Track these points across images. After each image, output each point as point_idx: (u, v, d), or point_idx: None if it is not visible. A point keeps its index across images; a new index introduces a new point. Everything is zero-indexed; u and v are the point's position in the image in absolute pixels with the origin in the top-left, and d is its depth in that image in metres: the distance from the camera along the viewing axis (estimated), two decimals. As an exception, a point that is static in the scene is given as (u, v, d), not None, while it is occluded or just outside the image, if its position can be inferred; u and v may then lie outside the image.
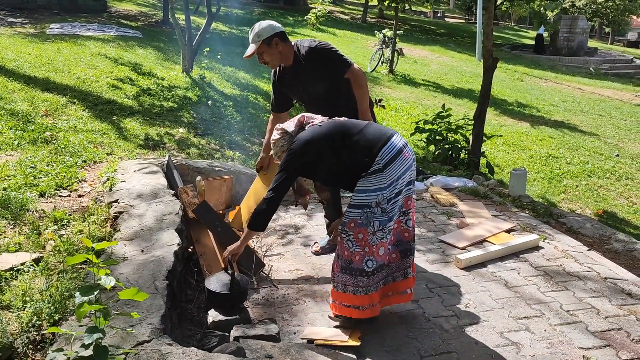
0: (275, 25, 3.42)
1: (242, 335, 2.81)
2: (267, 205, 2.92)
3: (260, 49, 3.37)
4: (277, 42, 3.37)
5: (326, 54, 3.44)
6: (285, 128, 3.03)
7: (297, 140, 2.93)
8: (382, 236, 2.85)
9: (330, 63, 3.43)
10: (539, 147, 9.08)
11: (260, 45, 3.35)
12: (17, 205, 3.79)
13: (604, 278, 3.69)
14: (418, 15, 33.49)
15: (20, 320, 2.54)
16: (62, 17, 13.35)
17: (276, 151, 3.04)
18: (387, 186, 2.79)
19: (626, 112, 13.38)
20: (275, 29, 3.39)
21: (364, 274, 2.88)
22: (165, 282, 2.82)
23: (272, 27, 3.38)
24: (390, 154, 2.80)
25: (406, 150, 2.89)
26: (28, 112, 5.91)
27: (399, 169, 2.82)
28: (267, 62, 3.45)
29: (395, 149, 2.83)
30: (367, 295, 2.92)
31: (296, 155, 2.90)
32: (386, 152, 2.80)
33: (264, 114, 7.92)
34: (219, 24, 15.72)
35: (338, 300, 2.99)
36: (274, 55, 3.41)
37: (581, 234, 4.90)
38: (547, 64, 20.27)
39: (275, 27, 3.40)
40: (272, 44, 3.35)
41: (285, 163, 2.92)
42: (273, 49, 3.37)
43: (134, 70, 8.67)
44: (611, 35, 36.37)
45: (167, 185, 4.27)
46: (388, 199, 2.81)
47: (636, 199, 7.46)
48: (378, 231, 2.83)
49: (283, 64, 3.52)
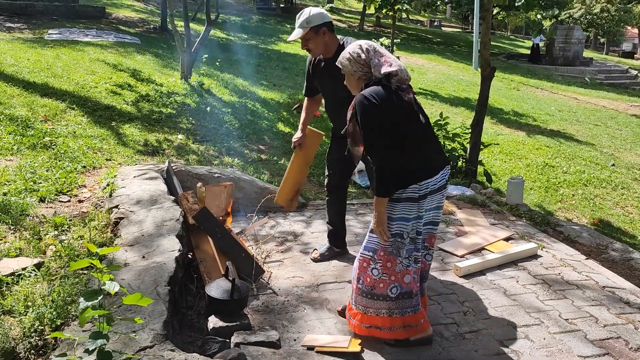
0: (325, 14, 3.41)
1: (242, 342, 2.81)
2: (380, 174, 2.72)
3: (307, 35, 3.36)
4: (325, 31, 3.36)
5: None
6: (370, 57, 2.77)
7: (380, 98, 2.69)
8: (408, 264, 2.88)
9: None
10: (535, 156, 9.12)
11: (308, 32, 3.35)
12: (18, 210, 3.80)
13: (602, 287, 3.72)
14: (415, 24, 33.67)
15: (22, 325, 2.54)
16: (60, 23, 13.37)
17: (349, 68, 2.81)
18: (413, 218, 2.81)
19: (622, 122, 13.47)
20: (325, 18, 3.38)
21: (387, 299, 2.89)
22: (167, 288, 2.83)
23: (323, 15, 3.38)
24: (429, 189, 2.81)
25: (444, 191, 2.91)
26: (27, 118, 5.91)
27: (428, 205, 2.86)
28: (310, 49, 3.45)
29: (435, 186, 2.83)
30: (388, 317, 2.91)
31: (376, 112, 2.68)
32: (427, 185, 2.79)
33: (262, 120, 7.95)
34: (216, 30, 15.78)
35: (357, 320, 2.98)
36: (319, 44, 3.40)
37: (578, 242, 4.93)
38: (543, 74, 20.40)
39: (325, 16, 3.39)
40: (319, 32, 3.35)
41: (368, 123, 2.70)
42: (319, 37, 3.37)
43: (133, 77, 8.69)
44: (606, 46, 36.66)
45: (167, 191, 4.28)
46: (417, 230, 2.85)
47: (632, 209, 7.51)
48: (405, 259, 2.86)
49: (324, 55, 3.50)
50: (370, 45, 2.83)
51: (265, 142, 7.08)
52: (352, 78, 2.84)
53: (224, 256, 3.59)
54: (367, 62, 2.76)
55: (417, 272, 2.95)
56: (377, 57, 2.76)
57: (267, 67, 12.45)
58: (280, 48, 15.98)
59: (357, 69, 2.79)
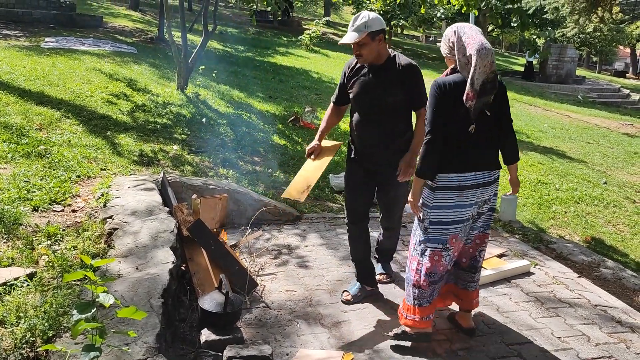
0: (383, 21, 3.35)
1: (235, 356, 2.80)
2: (427, 148, 2.89)
3: (363, 40, 3.21)
4: (381, 39, 3.26)
5: (419, 78, 3.38)
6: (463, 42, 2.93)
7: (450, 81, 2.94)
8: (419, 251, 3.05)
9: (415, 87, 3.35)
10: (528, 173, 9.17)
11: (365, 37, 3.20)
12: (11, 219, 3.77)
13: (594, 305, 3.73)
14: (410, 39, 33.93)
15: (14, 336, 2.52)
16: (57, 31, 13.38)
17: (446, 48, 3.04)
18: (431, 208, 2.97)
19: (613, 140, 13.58)
20: (383, 24, 3.32)
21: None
22: (161, 301, 2.82)
23: (381, 21, 3.29)
24: (461, 182, 2.93)
25: (489, 190, 3.05)
26: (22, 126, 5.89)
27: (472, 199, 2.98)
28: (362, 54, 3.27)
29: (469, 183, 2.94)
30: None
31: (438, 92, 2.91)
32: (459, 178, 2.93)
33: (257, 132, 7.96)
34: (213, 42, 15.84)
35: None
36: (373, 50, 3.27)
37: (571, 260, 4.96)
38: (536, 91, 20.57)
39: (383, 22, 3.33)
40: (376, 39, 3.23)
41: (430, 98, 2.95)
42: (375, 44, 3.24)
43: (129, 86, 8.70)
44: (598, 65, 37.09)
45: (162, 202, 4.27)
46: (431, 220, 2.97)
47: (623, 227, 7.55)
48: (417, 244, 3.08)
49: (375, 62, 3.34)
50: (461, 27, 3.00)
51: (261, 154, 7.09)
52: (446, 59, 3.08)
53: (217, 269, 3.59)
54: (453, 44, 2.96)
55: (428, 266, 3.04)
56: (459, 41, 2.93)
57: (264, 80, 12.49)
58: (276, 60, 16.05)
59: (446, 51, 3.03)
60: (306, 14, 36.51)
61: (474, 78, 2.86)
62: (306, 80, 13.70)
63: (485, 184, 2.99)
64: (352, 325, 3.35)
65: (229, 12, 27.18)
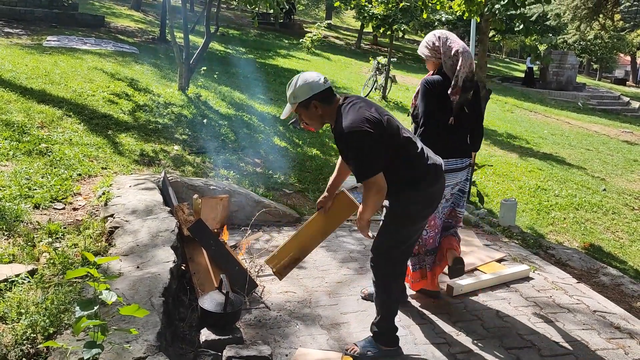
0: (315, 83, 2.85)
1: (234, 356, 2.80)
2: (422, 136, 3.43)
3: (297, 111, 2.93)
4: (317, 105, 2.85)
5: (355, 148, 2.77)
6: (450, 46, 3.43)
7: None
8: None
9: (352, 159, 2.84)
10: (528, 179, 9.20)
11: (297, 108, 2.91)
12: (12, 216, 3.78)
13: (593, 311, 3.74)
14: (412, 43, 34.00)
15: (15, 332, 2.52)
16: (59, 30, 13.40)
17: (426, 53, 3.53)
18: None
19: (613, 147, 13.62)
20: (315, 89, 2.84)
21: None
22: (162, 299, 2.82)
23: (311, 86, 2.84)
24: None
25: (461, 175, 3.57)
26: (24, 124, 5.90)
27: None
28: (306, 122, 2.99)
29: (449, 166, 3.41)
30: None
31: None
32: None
33: (258, 134, 7.98)
34: (215, 43, 15.87)
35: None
36: (312, 117, 2.92)
37: (569, 266, 4.97)
38: (536, 97, 20.62)
39: (314, 86, 2.84)
40: (310, 107, 2.87)
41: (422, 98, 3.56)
42: (311, 112, 2.89)
43: (130, 86, 8.71)
44: (599, 72, 37.17)
45: (162, 201, 4.27)
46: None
47: (622, 234, 7.57)
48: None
49: (331, 124, 2.94)
50: (443, 32, 3.47)
51: (261, 155, 7.10)
52: (428, 62, 3.55)
53: (217, 269, 3.59)
54: (438, 47, 3.44)
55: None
56: (445, 44, 3.42)
57: (265, 82, 12.51)
58: (277, 62, 16.08)
59: (428, 54, 3.50)
60: (308, 17, 36.59)
61: (458, 76, 3.34)
62: (307, 83, 13.70)
63: (458, 169, 3.48)
64: (351, 327, 3.35)
65: (231, 14, 27.23)
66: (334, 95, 2.90)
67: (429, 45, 3.48)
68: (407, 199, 2.90)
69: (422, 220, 3.05)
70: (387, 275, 3.03)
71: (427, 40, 3.49)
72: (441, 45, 3.43)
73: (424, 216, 3.03)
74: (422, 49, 3.54)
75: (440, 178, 2.98)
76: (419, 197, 2.91)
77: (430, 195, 2.95)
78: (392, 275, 3.04)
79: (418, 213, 2.97)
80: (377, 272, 3.04)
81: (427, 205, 2.97)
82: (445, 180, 3.07)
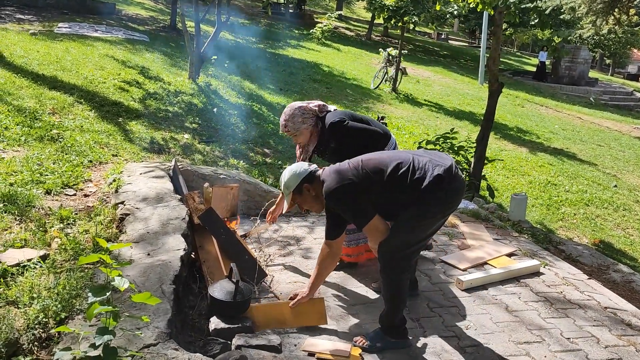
0: (300, 170, 3.08)
1: (244, 345, 2.81)
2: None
3: (294, 200, 3.14)
4: (308, 187, 3.07)
5: (328, 210, 3.10)
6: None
7: None
8: None
9: (341, 212, 3.05)
10: (538, 174, 9.14)
11: (293, 197, 3.12)
12: (24, 202, 3.79)
13: (604, 307, 3.72)
14: (422, 35, 33.78)
15: (27, 316, 2.53)
16: (70, 17, 13.41)
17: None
18: None
19: (625, 143, 13.50)
20: (301, 174, 3.06)
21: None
22: (172, 287, 2.83)
23: (297, 174, 3.07)
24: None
25: None
26: (35, 109, 5.92)
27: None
28: (307, 209, 3.24)
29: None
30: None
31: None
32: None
33: (267, 124, 7.96)
34: (225, 32, 15.82)
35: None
36: (310, 201, 3.13)
37: (580, 262, 4.93)
38: (548, 92, 20.45)
39: (300, 172, 3.07)
40: (303, 191, 3.08)
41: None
42: (306, 195, 3.10)
43: (141, 74, 8.71)
44: (612, 67, 36.76)
45: (173, 189, 4.28)
46: None
47: (633, 231, 7.52)
48: None
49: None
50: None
51: (271, 145, 7.09)
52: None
53: (227, 257, 3.59)
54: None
55: None
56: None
57: (275, 72, 12.49)
58: (288, 53, 16.03)
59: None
60: (318, 7, 36.40)
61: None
62: (317, 73, 13.68)
63: None
64: (360, 318, 3.35)
65: (242, 4, 27.14)
66: (316, 174, 3.10)
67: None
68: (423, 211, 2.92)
69: (438, 220, 3.02)
70: (395, 268, 3.02)
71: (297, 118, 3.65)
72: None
73: (442, 215, 3.01)
74: (297, 124, 3.64)
75: (444, 185, 2.86)
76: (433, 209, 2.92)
77: (444, 201, 2.92)
78: (400, 268, 3.03)
79: (436, 214, 2.95)
80: (384, 265, 3.04)
81: (443, 209, 2.96)
82: (459, 182, 2.95)
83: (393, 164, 2.91)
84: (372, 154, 3.09)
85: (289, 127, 3.64)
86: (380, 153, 3.12)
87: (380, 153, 3.13)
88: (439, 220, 2.99)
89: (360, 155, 3.07)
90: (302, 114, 3.65)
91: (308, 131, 3.68)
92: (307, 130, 3.67)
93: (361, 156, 3.06)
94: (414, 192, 2.85)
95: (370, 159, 2.99)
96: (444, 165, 2.89)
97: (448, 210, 2.98)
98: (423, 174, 2.86)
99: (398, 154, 3.03)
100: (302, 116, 3.64)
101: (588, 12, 9.38)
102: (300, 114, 3.64)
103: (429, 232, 3.00)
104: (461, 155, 7.50)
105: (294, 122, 3.63)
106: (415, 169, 2.88)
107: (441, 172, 2.84)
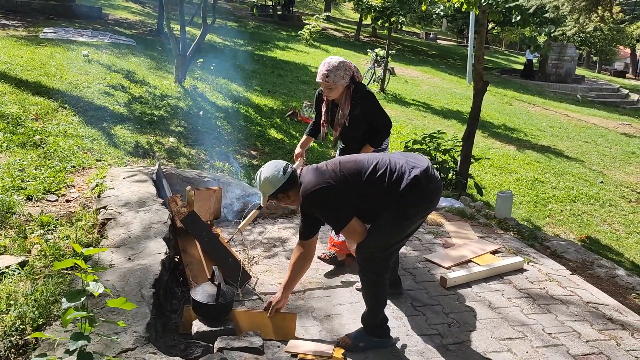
0: (275, 179, 2.97)
1: (226, 347, 2.80)
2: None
3: (272, 200, 3.15)
4: (282, 196, 3.05)
5: (317, 208, 3.00)
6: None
7: None
8: None
9: (319, 215, 3.05)
10: (525, 171, 9.19)
11: (269, 199, 3.13)
12: (4, 208, 3.77)
13: (586, 302, 3.74)
14: (410, 35, 33.87)
15: (4, 323, 2.52)
16: (56, 22, 13.33)
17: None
18: None
19: (611, 140, 13.60)
20: (276, 184, 2.97)
21: None
22: (152, 291, 2.82)
23: (273, 183, 2.98)
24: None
25: None
26: (18, 115, 5.88)
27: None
28: (287, 205, 3.33)
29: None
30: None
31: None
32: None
33: (254, 126, 7.95)
34: (212, 35, 15.80)
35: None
36: (287, 203, 3.14)
37: (564, 258, 4.96)
38: (535, 90, 20.57)
39: (274, 182, 2.97)
40: (279, 197, 3.07)
41: None
42: (282, 200, 3.11)
43: (127, 78, 8.68)
44: (598, 64, 37.03)
45: (155, 193, 4.26)
46: None
47: (619, 226, 7.57)
48: None
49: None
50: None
51: (257, 147, 7.09)
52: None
53: (210, 260, 3.58)
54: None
55: None
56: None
57: (262, 74, 12.48)
58: (276, 55, 16.02)
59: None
60: (306, 8, 36.40)
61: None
62: (305, 75, 13.68)
63: None
64: (343, 318, 3.35)
65: (229, 6, 27.10)
66: (297, 177, 3.02)
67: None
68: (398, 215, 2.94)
69: (417, 221, 3.03)
70: (375, 269, 3.02)
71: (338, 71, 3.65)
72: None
73: (419, 217, 3.01)
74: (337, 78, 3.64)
75: (422, 186, 2.87)
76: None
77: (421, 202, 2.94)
78: (380, 269, 3.03)
79: (415, 215, 2.96)
80: (364, 267, 3.03)
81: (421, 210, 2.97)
82: (436, 182, 2.96)
83: (370, 167, 2.92)
84: (349, 156, 3.10)
85: (330, 78, 3.60)
86: (357, 155, 3.13)
87: (357, 155, 3.13)
88: (417, 220, 2.99)
89: (337, 157, 3.08)
90: (345, 68, 3.64)
91: (343, 87, 3.67)
92: (342, 86, 3.66)
93: (339, 158, 3.09)
94: (392, 194, 2.86)
95: (348, 161, 3.00)
96: (421, 167, 2.90)
97: (426, 210, 3.00)
98: (400, 175, 2.87)
99: (374, 157, 3.03)
100: (345, 70, 3.63)
101: (572, 10, 9.47)
102: (344, 68, 3.63)
103: (407, 232, 3.01)
104: (448, 155, 7.52)
105: (335, 74, 3.60)
106: (393, 171, 2.89)
107: (418, 173, 2.86)
